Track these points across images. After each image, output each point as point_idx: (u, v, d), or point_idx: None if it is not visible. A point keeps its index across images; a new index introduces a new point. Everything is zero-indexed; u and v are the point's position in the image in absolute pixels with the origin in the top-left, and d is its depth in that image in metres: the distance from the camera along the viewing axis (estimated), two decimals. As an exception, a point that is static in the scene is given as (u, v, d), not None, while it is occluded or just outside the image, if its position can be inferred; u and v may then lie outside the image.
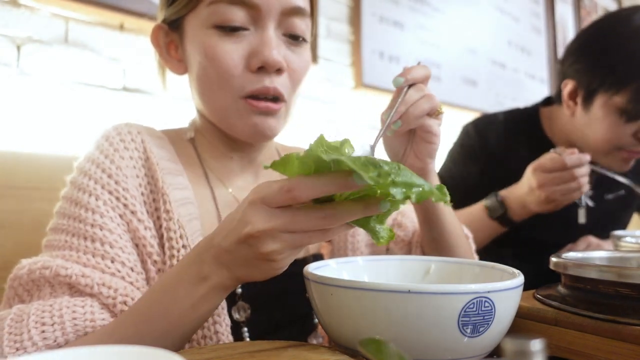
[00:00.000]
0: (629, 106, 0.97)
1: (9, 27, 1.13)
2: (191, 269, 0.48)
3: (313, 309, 0.51)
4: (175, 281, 0.49)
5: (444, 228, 0.69)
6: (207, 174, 0.70)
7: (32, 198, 0.85)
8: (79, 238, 0.57)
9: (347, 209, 0.42)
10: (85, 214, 0.58)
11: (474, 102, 2.37)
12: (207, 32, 0.62)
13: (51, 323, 0.50)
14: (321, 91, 1.81)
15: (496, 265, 0.54)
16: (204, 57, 0.62)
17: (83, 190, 0.59)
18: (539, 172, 0.97)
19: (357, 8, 1.92)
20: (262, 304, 0.64)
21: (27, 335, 0.49)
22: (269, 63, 0.61)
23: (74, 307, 0.52)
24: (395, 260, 0.62)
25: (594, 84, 1.02)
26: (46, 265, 0.54)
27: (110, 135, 0.64)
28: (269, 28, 0.62)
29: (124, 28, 1.31)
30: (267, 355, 0.43)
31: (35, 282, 0.55)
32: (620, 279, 0.48)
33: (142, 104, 1.32)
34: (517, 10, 2.67)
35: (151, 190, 0.63)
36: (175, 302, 0.48)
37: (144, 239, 0.59)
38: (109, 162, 0.61)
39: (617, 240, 0.84)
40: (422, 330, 0.41)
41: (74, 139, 1.20)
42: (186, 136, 0.72)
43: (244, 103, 0.63)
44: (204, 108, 0.68)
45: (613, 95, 0.99)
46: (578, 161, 0.95)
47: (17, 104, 1.13)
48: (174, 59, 0.69)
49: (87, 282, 0.54)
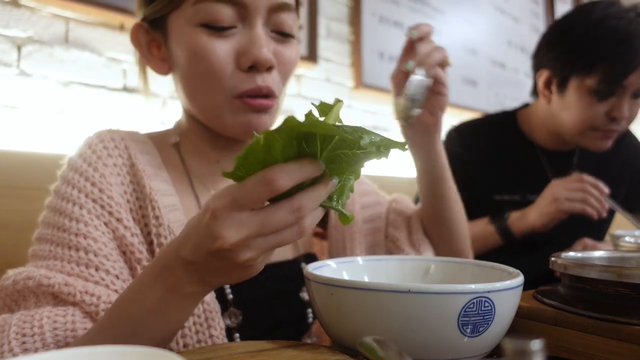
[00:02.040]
0: (600, 86, 1.05)
1: (9, 27, 1.13)
2: (158, 281, 0.45)
3: (312, 309, 0.51)
4: (143, 292, 0.46)
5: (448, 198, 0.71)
6: (192, 180, 0.69)
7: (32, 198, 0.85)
8: (62, 247, 0.56)
9: (311, 194, 0.40)
10: (69, 223, 0.57)
11: (474, 102, 2.37)
12: (194, 30, 0.60)
13: (31, 334, 0.49)
14: (321, 91, 1.81)
15: (496, 265, 0.54)
16: (193, 56, 0.61)
17: (67, 200, 0.59)
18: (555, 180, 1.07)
19: (357, 8, 1.92)
20: (253, 308, 0.64)
21: (7, 347, 0.48)
22: (260, 62, 0.60)
23: (55, 317, 0.51)
24: (395, 260, 0.62)
25: (566, 69, 1.10)
26: (30, 275, 0.54)
27: (92, 142, 0.63)
28: (257, 25, 0.61)
29: (124, 28, 1.31)
30: (267, 355, 0.43)
31: (20, 293, 0.55)
32: (620, 279, 0.48)
33: (142, 104, 1.32)
34: (517, 11, 2.67)
35: (137, 197, 0.62)
36: (143, 312, 0.45)
37: (132, 245, 0.59)
38: (92, 170, 0.60)
39: (617, 240, 0.84)
40: (422, 330, 0.41)
41: (74, 139, 1.20)
42: (170, 140, 0.71)
43: (238, 102, 0.62)
44: (192, 107, 0.67)
45: (584, 78, 1.07)
46: (594, 183, 1.03)
47: (17, 104, 1.13)
48: (156, 58, 0.67)
49: (70, 290, 0.53)
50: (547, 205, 1.04)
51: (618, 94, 1.07)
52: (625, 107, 1.07)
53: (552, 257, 0.57)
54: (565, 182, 1.05)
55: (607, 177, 1.23)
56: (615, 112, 1.07)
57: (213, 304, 0.60)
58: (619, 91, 1.06)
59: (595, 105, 1.07)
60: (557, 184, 1.06)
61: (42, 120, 1.17)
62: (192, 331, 0.58)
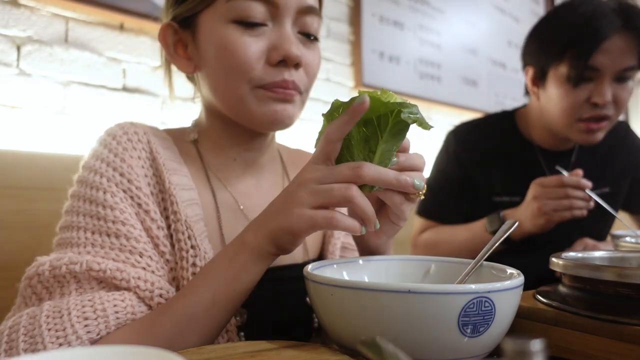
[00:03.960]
0: (571, 72, 1.06)
1: (9, 27, 1.13)
2: (233, 243, 0.53)
3: (313, 310, 0.51)
4: (218, 257, 0.53)
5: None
6: (209, 175, 0.70)
7: (32, 198, 0.85)
8: (101, 235, 0.56)
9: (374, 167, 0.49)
10: (104, 211, 0.57)
11: (474, 102, 2.37)
12: (227, 27, 0.62)
13: (94, 317, 0.50)
14: (321, 91, 1.81)
15: (496, 265, 0.54)
16: (224, 50, 0.62)
17: (96, 189, 0.59)
18: (537, 185, 1.03)
19: (357, 8, 1.93)
20: (259, 308, 0.64)
21: (70, 330, 0.49)
22: (290, 57, 0.62)
23: (115, 301, 0.52)
24: (395, 260, 0.62)
25: (542, 61, 1.12)
26: (74, 260, 0.54)
27: (116, 133, 0.64)
28: (286, 24, 0.63)
29: (124, 28, 1.31)
30: (267, 355, 0.43)
31: (57, 279, 0.54)
32: (620, 279, 0.48)
33: (142, 104, 1.33)
34: (517, 11, 2.67)
35: (160, 190, 0.63)
36: (218, 273, 0.51)
37: (157, 238, 0.59)
38: (120, 161, 0.61)
39: (617, 240, 0.84)
40: (422, 330, 0.41)
41: (74, 139, 1.20)
42: (189, 137, 0.72)
43: (263, 90, 0.63)
44: (218, 102, 0.68)
45: (558, 66, 1.09)
46: (576, 182, 1.00)
47: (17, 104, 1.13)
48: (183, 58, 0.69)
49: (123, 276, 0.54)
50: (537, 218, 1.02)
51: (595, 79, 1.06)
52: (605, 92, 1.05)
53: (552, 257, 0.57)
54: (546, 189, 1.01)
55: (606, 177, 1.23)
56: (595, 97, 1.06)
57: None
58: (595, 75, 1.06)
59: (574, 92, 1.07)
60: (539, 193, 1.02)
61: (42, 120, 1.17)
62: None
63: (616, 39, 1.04)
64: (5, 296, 0.67)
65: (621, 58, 1.05)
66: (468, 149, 1.24)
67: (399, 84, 2.05)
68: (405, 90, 2.06)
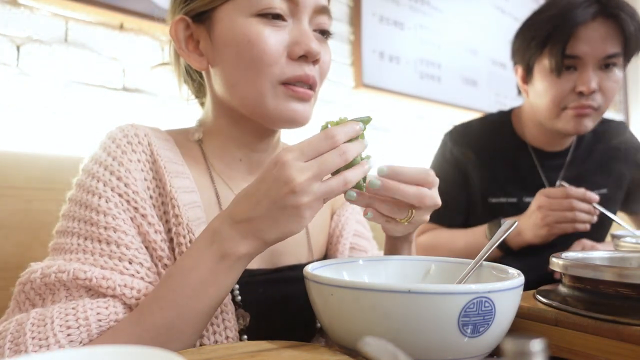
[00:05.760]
0: (552, 62, 1.08)
1: (9, 27, 1.13)
2: (211, 249, 0.52)
3: (313, 310, 0.51)
4: (197, 261, 0.52)
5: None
6: (213, 176, 0.69)
7: (32, 198, 0.85)
8: (92, 241, 0.56)
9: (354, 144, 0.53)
10: (97, 217, 0.57)
11: (474, 102, 2.37)
12: (248, 20, 0.62)
13: (76, 326, 0.50)
14: (321, 91, 1.79)
15: (496, 265, 0.54)
16: (246, 43, 0.62)
17: (92, 193, 0.59)
18: (542, 195, 1.04)
19: (357, 8, 1.92)
20: (262, 311, 0.64)
21: (53, 339, 0.49)
22: (311, 52, 0.63)
23: (98, 309, 0.52)
24: (395, 260, 0.62)
25: (527, 56, 1.14)
26: (62, 269, 0.54)
27: (116, 136, 0.63)
28: (304, 21, 0.64)
29: (124, 28, 1.31)
30: (267, 355, 0.43)
31: (48, 286, 0.55)
32: (620, 279, 0.48)
33: (141, 104, 1.32)
34: (517, 10, 2.67)
35: (159, 193, 0.63)
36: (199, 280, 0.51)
37: (154, 242, 0.59)
38: (117, 165, 0.61)
39: (617, 241, 0.83)
40: (422, 330, 0.41)
41: (74, 139, 1.20)
42: (193, 137, 0.71)
43: (283, 88, 0.63)
44: (234, 98, 0.66)
45: (541, 59, 1.11)
46: (582, 195, 1.00)
47: (17, 104, 1.13)
48: (195, 54, 0.68)
49: (109, 284, 0.54)
50: (539, 228, 1.02)
51: (579, 67, 1.07)
52: (588, 80, 1.06)
53: (552, 257, 0.57)
54: (551, 200, 1.01)
55: (603, 178, 1.22)
56: (579, 85, 1.07)
57: (230, 305, 0.60)
58: (577, 63, 1.07)
59: (558, 83, 1.09)
60: (544, 203, 1.02)
61: (41, 120, 1.17)
62: (210, 332, 0.58)
63: (595, 25, 1.05)
64: (5, 296, 0.67)
65: (602, 45, 1.06)
66: (464, 150, 1.24)
67: (398, 83, 2.05)
68: (405, 90, 2.06)
